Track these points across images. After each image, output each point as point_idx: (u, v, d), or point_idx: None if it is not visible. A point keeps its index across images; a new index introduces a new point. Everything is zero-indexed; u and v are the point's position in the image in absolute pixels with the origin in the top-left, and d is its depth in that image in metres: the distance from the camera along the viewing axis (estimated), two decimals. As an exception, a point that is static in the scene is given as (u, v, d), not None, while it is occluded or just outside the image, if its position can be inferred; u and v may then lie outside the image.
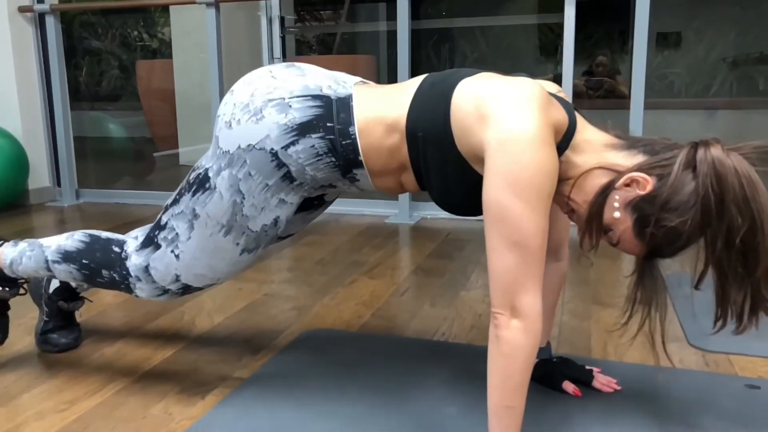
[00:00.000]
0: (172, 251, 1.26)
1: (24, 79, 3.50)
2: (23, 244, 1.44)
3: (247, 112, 1.17)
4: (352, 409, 1.29)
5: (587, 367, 1.38)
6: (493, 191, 0.99)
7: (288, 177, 1.18)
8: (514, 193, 0.98)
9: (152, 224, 1.32)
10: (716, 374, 1.43)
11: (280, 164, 1.17)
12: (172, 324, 1.78)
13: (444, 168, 1.11)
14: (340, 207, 3.30)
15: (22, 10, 3.45)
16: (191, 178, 1.26)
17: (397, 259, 2.41)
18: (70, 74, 3.64)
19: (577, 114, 1.11)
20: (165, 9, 4.91)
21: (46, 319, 1.59)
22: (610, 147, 1.08)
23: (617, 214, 1.04)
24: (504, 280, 0.99)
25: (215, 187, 1.21)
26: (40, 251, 1.40)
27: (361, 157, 1.15)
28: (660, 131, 1.17)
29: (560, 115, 1.07)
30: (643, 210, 1.02)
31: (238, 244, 1.24)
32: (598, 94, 5.25)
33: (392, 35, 3.11)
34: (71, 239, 1.38)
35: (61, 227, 3.02)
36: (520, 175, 0.97)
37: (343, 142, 1.15)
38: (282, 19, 3.72)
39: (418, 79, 1.18)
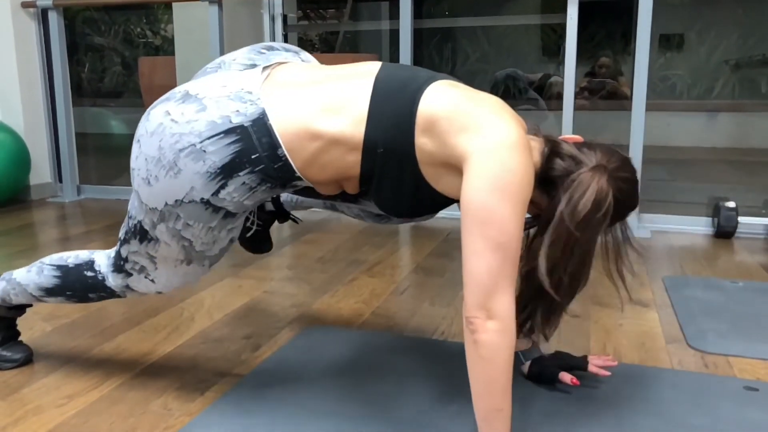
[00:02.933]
0: (146, 277, 1.26)
1: (26, 75, 3.51)
2: (2, 283, 1.41)
3: (162, 167, 1.09)
4: (350, 407, 1.29)
5: (581, 355, 1.38)
6: (479, 194, 1.00)
7: (228, 215, 1.14)
8: (502, 195, 1.00)
9: (115, 248, 1.28)
10: (715, 376, 1.44)
11: (216, 209, 1.11)
12: (172, 320, 1.78)
13: (399, 180, 1.10)
14: (340, 205, 3.29)
15: (25, 5, 3.45)
16: (130, 225, 1.21)
17: (397, 258, 2.41)
18: (72, 70, 3.64)
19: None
20: (168, 6, 4.92)
21: None
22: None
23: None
24: (483, 282, 1.00)
25: (158, 239, 1.17)
26: (21, 288, 1.38)
27: (298, 173, 1.10)
28: (661, 133, 1.19)
29: (524, 124, 1.14)
30: None
31: (204, 265, 1.24)
32: (600, 96, 5.25)
33: (395, 34, 3.11)
34: (42, 275, 1.35)
35: (63, 223, 3.02)
36: (508, 179, 1.00)
37: (275, 166, 1.08)
38: (285, 17, 3.72)
39: (366, 81, 1.09)
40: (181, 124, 1.07)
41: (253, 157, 1.06)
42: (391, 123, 1.06)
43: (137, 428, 1.23)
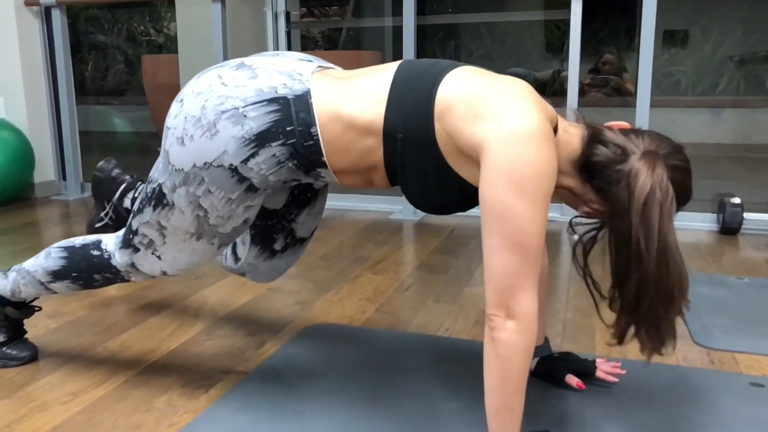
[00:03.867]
0: (152, 253, 1.26)
1: (30, 73, 3.51)
2: (13, 274, 1.42)
3: (200, 127, 1.11)
4: (354, 404, 1.29)
5: (590, 359, 1.38)
6: (494, 190, 0.97)
7: (251, 188, 1.14)
8: (518, 191, 0.96)
9: (126, 225, 1.30)
10: (720, 372, 1.43)
11: (242, 178, 1.12)
12: (176, 317, 1.79)
13: (423, 169, 1.08)
14: (344, 203, 3.30)
15: (29, 3, 3.45)
16: (148, 190, 1.21)
17: (401, 255, 2.41)
18: (75, 69, 3.64)
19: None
20: (171, 4, 4.93)
21: (102, 216, 1.69)
22: (571, 165, 1.11)
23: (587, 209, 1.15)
24: (503, 281, 0.98)
25: (174, 204, 1.17)
26: (30, 277, 1.38)
27: (325, 158, 1.10)
28: (666, 129, 1.18)
29: (551, 110, 1.09)
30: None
31: (213, 243, 1.23)
32: (604, 92, 5.24)
33: (398, 31, 3.10)
34: (50, 258, 1.36)
35: (66, 221, 3.03)
36: (524, 172, 0.96)
37: (305, 144, 1.09)
38: (287, 14, 3.72)
39: (389, 72, 1.11)
40: (230, 88, 1.11)
41: (288, 129, 1.09)
42: (411, 108, 1.06)
43: (142, 425, 1.23)
